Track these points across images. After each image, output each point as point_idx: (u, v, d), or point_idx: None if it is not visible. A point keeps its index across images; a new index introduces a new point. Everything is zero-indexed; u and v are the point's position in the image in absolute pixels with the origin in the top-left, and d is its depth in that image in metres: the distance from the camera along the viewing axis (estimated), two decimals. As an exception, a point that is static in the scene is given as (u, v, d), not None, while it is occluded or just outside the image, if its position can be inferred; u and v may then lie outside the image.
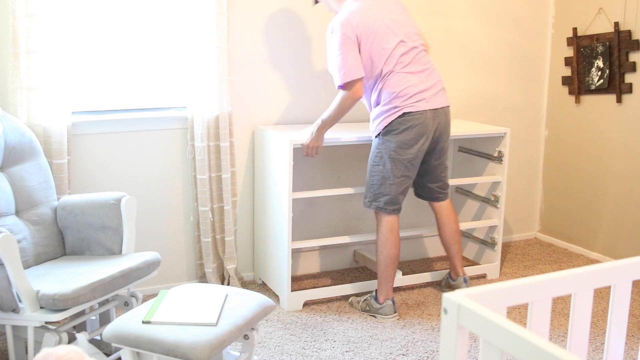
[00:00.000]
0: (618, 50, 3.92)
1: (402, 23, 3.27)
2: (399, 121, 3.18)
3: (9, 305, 2.45)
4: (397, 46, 3.19)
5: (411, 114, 3.17)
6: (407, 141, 3.18)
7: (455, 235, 3.52)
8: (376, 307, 3.36)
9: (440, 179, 3.45)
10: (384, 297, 3.35)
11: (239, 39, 3.62)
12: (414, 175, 3.31)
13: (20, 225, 2.83)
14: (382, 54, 3.16)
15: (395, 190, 3.26)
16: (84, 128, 3.37)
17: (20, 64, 3.08)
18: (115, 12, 3.43)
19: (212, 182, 3.56)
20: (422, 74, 3.23)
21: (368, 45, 3.15)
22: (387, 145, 3.22)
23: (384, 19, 3.20)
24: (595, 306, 3.44)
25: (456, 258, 3.56)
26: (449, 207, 3.52)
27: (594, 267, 1.69)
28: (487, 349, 1.36)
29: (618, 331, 1.84)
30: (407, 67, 3.20)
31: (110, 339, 2.32)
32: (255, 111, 3.74)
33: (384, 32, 3.18)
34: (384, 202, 3.27)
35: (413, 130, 3.18)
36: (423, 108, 3.18)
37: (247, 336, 2.56)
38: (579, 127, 4.31)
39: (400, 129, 3.18)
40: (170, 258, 3.64)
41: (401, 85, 3.17)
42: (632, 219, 4.01)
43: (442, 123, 3.28)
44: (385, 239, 3.31)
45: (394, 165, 3.22)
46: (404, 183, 3.27)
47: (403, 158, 3.21)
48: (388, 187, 3.25)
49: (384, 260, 3.32)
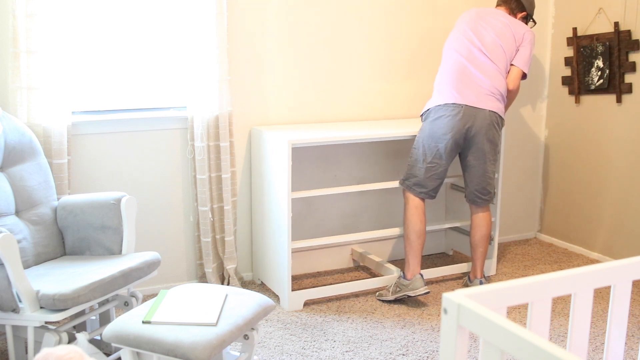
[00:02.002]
0: (618, 50, 3.92)
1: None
2: (436, 109, 3.41)
3: (9, 305, 2.45)
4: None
5: (447, 105, 3.39)
6: (437, 130, 3.40)
7: (483, 240, 3.61)
8: (405, 283, 3.45)
9: (480, 182, 3.53)
10: (412, 273, 3.46)
11: (239, 39, 3.62)
12: (444, 165, 3.46)
13: (20, 225, 2.83)
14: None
15: (423, 174, 3.46)
16: (84, 128, 3.37)
17: (20, 64, 3.08)
18: (115, 12, 3.43)
19: (212, 182, 3.56)
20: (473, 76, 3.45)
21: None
22: (422, 130, 3.48)
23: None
24: (595, 306, 3.44)
25: (479, 261, 3.64)
26: (485, 213, 3.61)
27: (594, 267, 1.68)
28: (487, 349, 1.36)
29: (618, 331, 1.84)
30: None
31: (110, 339, 2.32)
32: (255, 111, 3.74)
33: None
34: (413, 183, 3.50)
35: (444, 121, 3.37)
36: (459, 102, 3.38)
37: (247, 336, 2.56)
38: (579, 127, 4.31)
39: (434, 117, 3.40)
40: (170, 258, 3.64)
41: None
42: (632, 219, 4.01)
43: (479, 123, 3.39)
44: (410, 214, 3.49)
45: (424, 151, 3.44)
46: (432, 170, 3.45)
47: (433, 145, 3.42)
48: (418, 169, 3.48)
49: (410, 235, 3.48)
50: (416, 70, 4.10)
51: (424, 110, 3.52)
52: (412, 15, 4.04)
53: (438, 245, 4.34)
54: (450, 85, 3.42)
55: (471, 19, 3.51)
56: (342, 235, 3.69)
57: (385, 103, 4.06)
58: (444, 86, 3.45)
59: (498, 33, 3.46)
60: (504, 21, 3.50)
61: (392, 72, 4.05)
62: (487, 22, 3.49)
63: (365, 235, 3.76)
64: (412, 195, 3.50)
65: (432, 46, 4.06)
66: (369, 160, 4.01)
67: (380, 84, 4.03)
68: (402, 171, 4.08)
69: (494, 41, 3.44)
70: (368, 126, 3.79)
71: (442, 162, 3.44)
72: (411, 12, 4.03)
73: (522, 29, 3.52)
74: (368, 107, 4.03)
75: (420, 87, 4.10)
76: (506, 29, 3.48)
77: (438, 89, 3.49)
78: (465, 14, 3.59)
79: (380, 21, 3.96)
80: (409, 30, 4.04)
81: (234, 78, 3.61)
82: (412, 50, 4.07)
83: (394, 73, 4.05)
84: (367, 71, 3.98)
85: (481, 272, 3.64)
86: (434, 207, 4.26)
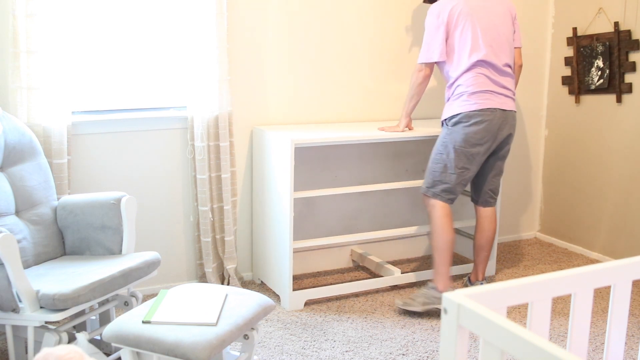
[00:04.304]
0: (618, 50, 3.92)
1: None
2: (469, 114, 3.26)
3: (9, 305, 2.45)
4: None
5: (482, 111, 3.26)
6: (473, 135, 3.26)
7: (489, 243, 3.58)
8: (438, 296, 3.34)
9: (494, 182, 3.51)
10: (444, 285, 3.36)
11: (239, 39, 3.62)
12: (473, 171, 3.37)
13: (20, 225, 2.83)
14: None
15: (454, 180, 3.32)
16: (84, 128, 3.37)
17: (20, 64, 3.07)
18: (115, 12, 3.43)
19: (212, 182, 3.56)
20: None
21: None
22: (453, 136, 3.30)
23: None
24: (595, 306, 3.44)
25: (482, 263, 3.61)
26: (493, 215, 3.57)
27: (594, 267, 1.68)
28: (487, 349, 1.36)
29: (618, 331, 1.84)
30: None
31: (110, 338, 2.32)
32: (255, 111, 3.74)
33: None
34: (441, 189, 3.35)
35: (482, 126, 3.25)
36: (493, 106, 3.27)
37: (247, 336, 2.56)
38: (579, 127, 4.31)
39: (468, 122, 3.26)
40: (170, 258, 3.64)
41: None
42: (632, 219, 4.01)
43: (508, 126, 3.34)
44: (441, 223, 3.34)
45: (457, 156, 3.29)
46: (462, 175, 3.33)
47: (467, 151, 3.28)
48: (448, 176, 3.33)
49: (442, 245, 3.34)
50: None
51: (451, 114, 3.30)
52: (414, 15, 4.03)
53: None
54: (482, 89, 3.27)
55: (472, 10, 3.28)
56: (342, 236, 3.69)
57: (386, 104, 4.06)
58: (475, 90, 3.27)
59: (501, 21, 3.35)
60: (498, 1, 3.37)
61: (394, 73, 4.05)
62: (487, 11, 3.32)
63: (365, 236, 3.76)
64: (441, 203, 3.34)
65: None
66: (369, 161, 4.01)
67: (382, 85, 4.03)
68: (402, 172, 4.10)
69: (502, 34, 3.33)
70: (369, 127, 3.79)
71: (473, 168, 3.34)
72: (412, 12, 4.03)
73: (509, 2, 3.43)
74: (368, 107, 4.02)
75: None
76: (504, 11, 3.37)
77: (466, 92, 3.27)
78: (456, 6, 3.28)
79: (382, 21, 3.95)
80: (410, 31, 4.04)
81: (234, 78, 3.61)
82: (413, 51, 4.07)
83: (395, 74, 4.05)
84: (367, 71, 3.98)
85: (483, 274, 3.63)
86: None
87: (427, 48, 3.35)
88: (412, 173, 4.13)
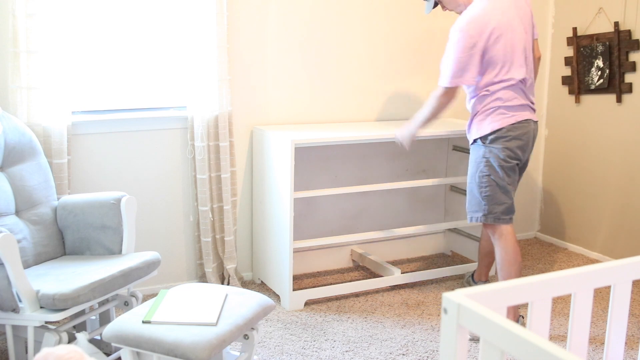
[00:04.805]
0: (618, 50, 3.92)
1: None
2: (510, 128, 3.08)
3: (9, 305, 2.45)
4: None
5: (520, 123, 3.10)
6: (516, 148, 3.09)
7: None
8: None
9: (513, 193, 3.35)
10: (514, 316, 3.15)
11: (239, 39, 3.62)
12: (516, 182, 3.21)
13: (20, 225, 2.83)
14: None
15: (510, 198, 3.13)
16: (84, 128, 3.37)
17: (20, 64, 3.07)
18: (115, 12, 3.43)
19: (212, 182, 3.56)
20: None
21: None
22: (495, 152, 3.09)
23: None
24: (595, 306, 3.44)
25: (487, 267, 3.60)
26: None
27: (594, 267, 1.68)
28: (487, 349, 1.36)
29: (618, 331, 1.84)
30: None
31: (110, 338, 2.32)
32: (255, 111, 3.74)
33: None
34: (502, 211, 3.11)
35: (524, 139, 3.12)
36: (529, 118, 3.13)
37: (247, 336, 2.56)
38: (579, 127, 4.31)
39: (510, 135, 3.08)
40: (170, 258, 3.64)
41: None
42: (632, 219, 4.01)
43: (535, 136, 3.22)
44: (513, 248, 3.11)
45: (505, 172, 3.10)
46: (511, 187, 3.15)
47: (510, 165, 3.11)
48: (503, 195, 3.11)
49: (516, 274, 3.09)
50: (418, 71, 4.10)
51: (490, 131, 3.09)
52: (414, 15, 4.03)
53: (437, 246, 4.34)
54: (519, 103, 3.12)
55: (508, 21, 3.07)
56: (342, 236, 3.69)
57: (387, 103, 4.06)
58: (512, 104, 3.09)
59: (526, 25, 3.14)
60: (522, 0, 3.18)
61: (394, 73, 4.05)
62: (519, 19, 3.11)
63: (366, 236, 3.76)
64: (507, 226, 3.12)
65: (433, 47, 4.06)
66: (369, 161, 4.01)
67: (382, 85, 4.03)
68: (403, 172, 4.10)
69: (528, 42, 3.16)
70: (369, 127, 3.79)
71: (516, 179, 3.19)
72: (412, 12, 4.03)
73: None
74: (368, 107, 4.02)
75: (421, 87, 4.09)
76: (526, 13, 3.18)
77: (503, 106, 3.08)
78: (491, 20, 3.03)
79: (382, 21, 3.95)
80: (410, 31, 4.04)
81: (234, 78, 3.61)
82: (413, 51, 4.07)
83: (396, 73, 4.05)
84: (368, 71, 3.98)
85: (486, 276, 3.64)
86: (433, 208, 4.26)
87: (457, 68, 3.02)
88: (412, 173, 4.13)
